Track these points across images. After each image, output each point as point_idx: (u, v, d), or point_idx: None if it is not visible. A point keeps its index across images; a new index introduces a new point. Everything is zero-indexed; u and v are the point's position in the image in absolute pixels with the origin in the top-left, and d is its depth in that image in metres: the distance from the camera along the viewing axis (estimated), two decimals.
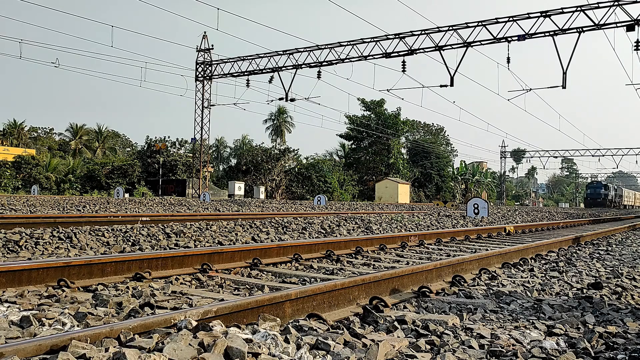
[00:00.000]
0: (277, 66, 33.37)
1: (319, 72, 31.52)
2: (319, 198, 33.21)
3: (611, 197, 69.14)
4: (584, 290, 4.32)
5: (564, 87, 24.63)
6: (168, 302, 3.50)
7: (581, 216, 26.34)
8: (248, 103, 60.41)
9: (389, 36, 28.96)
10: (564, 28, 24.92)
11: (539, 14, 25.29)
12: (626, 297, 4.03)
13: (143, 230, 7.62)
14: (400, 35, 28.69)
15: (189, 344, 2.14)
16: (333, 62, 31.26)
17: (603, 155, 67.45)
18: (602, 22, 24.06)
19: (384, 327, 2.92)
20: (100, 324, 2.76)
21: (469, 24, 26.90)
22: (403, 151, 70.34)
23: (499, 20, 26.18)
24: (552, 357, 2.42)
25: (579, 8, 24.36)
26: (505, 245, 8.80)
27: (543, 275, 5.29)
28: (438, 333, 2.80)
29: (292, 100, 33.25)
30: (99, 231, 7.08)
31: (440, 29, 27.60)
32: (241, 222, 9.84)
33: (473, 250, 7.91)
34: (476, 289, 4.30)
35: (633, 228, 15.83)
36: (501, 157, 78.04)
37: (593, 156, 67.78)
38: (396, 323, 2.96)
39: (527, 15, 25.53)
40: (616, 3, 23.50)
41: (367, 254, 6.83)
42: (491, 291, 4.22)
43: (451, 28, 27.30)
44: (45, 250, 5.70)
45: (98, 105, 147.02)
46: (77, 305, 3.27)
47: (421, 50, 28.19)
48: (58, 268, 3.97)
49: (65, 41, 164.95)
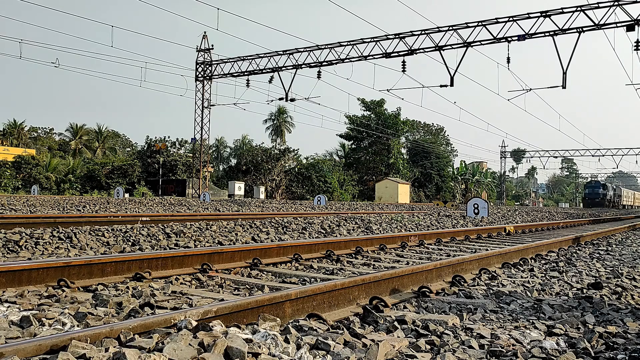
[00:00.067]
0: (277, 66, 33.37)
1: (319, 72, 31.55)
2: (319, 198, 33.21)
3: (610, 197, 68.77)
4: (584, 290, 4.32)
5: (564, 87, 24.64)
6: (168, 302, 3.50)
7: (581, 216, 26.34)
8: (248, 103, 60.42)
9: (389, 36, 28.96)
10: (564, 28, 24.93)
11: (539, 14, 25.29)
12: (626, 297, 4.03)
13: (143, 230, 7.62)
14: (400, 35, 28.70)
15: (189, 344, 2.14)
16: (333, 62, 31.27)
17: (603, 155, 67.45)
18: (602, 22, 24.07)
19: (384, 327, 2.92)
20: (100, 324, 2.76)
21: (469, 24, 26.91)
22: (403, 151, 70.35)
23: (499, 20, 26.19)
24: (552, 357, 2.42)
25: (579, 8, 24.36)
26: (505, 245, 8.80)
27: (543, 275, 5.29)
28: (438, 333, 2.80)
29: (292, 100, 33.27)
30: (99, 231, 7.09)
31: (440, 29, 27.60)
32: (241, 222, 9.84)
33: (473, 250, 7.91)
34: (476, 289, 4.30)
35: (633, 228, 15.83)
36: (501, 157, 78.09)
37: (593, 156, 67.81)
38: (396, 323, 2.96)
39: (527, 15, 25.53)
40: (616, 3, 23.50)
41: (367, 254, 6.83)
42: (491, 291, 4.22)
43: (451, 28, 27.31)
44: (45, 250, 5.70)
45: (98, 105, 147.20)
46: (77, 305, 3.27)
47: (421, 50, 28.20)
48: (58, 268, 3.97)
49: (65, 41, 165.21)
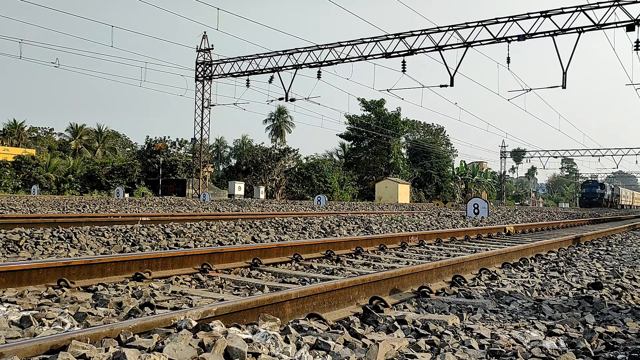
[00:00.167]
0: (277, 66, 33.37)
1: (319, 72, 31.54)
2: (319, 198, 33.21)
3: (608, 197, 68.30)
4: (584, 290, 4.31)
5: (564, 87, 24.64)
6: (168, 302, 3.50)
7: (581, 216, 26.34)
8: (248, 103, 60.50)
9: (389, 36, 28.96)
10: (564, 28, 24.93)
11: (539, 14, 25.29)
12: (626, 297, 4.03)
13: (143, 230, 7.62)
14: (400, 35, 28.70)
15: (189, 344, 2.14)
16: (333, 62, 31.27)
17: (603, 155, 67.42)
18: (602, 22, 24.06)
19: (384, 327, 2.92)
20: (100, 324, 2.76)
21: (469, 24, 26.91)
22: (403, 151, 70.34)
23: (499, 20, 26.19)
24: (552, 357, 2.42)
25: (579, 8, 24.36)
26: (505, 245, 8.80)
27: (543, 275, 5.29)
28: (438, 333, 2.80)
29: (292, 100, 33.26)
30: (99, 231, 7.09)
31: (440, 29, 27.60)
32: (241, 222, 9.84)
33: (473, 250, 7.91)
34: (476, 289, 4.30)
35: (633, 228, 15.83)
36: (501, 157, 78.08)
37: (593, 156, 67.77)
38: (396, 323, 2.96)
39: (527, 15, 25.53)
40: (616, 3, 23.50)
41: (367, 254, 6.83)
42: (491, 291, 4.22)
43: (451, 28, 27.31)
44: (45, 250, 5.70)
45: (98, 105, 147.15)
46: (77, 305, 3.27)
47: (421, 50, 28.20)
48: (58, 268, 3.97)
49: (65, 41, 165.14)
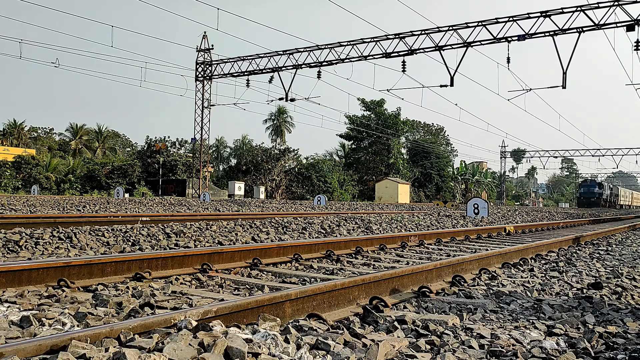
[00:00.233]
0: (277, 66, 33.37)
1: (319, 72, 31.54)
2: (319, 198, 33.21)
3: (606, 197, 67.83)
4: (584, 290, 4.31)
5: (564, 87, 24.63)
6: (168, 302, 3.50)
7: (581, 216, 26.34)
8: (248, 103, 60.51)
9: (389, 36, 28.96)
10: (564, 28, 24.93)
11: (539, 14, 25.29)
12: (626, 297, 4.03)
13: (143, 230, 7.62)
14: (400, 35, 28.70)
15: (189, 344, 2.14)
16: (333, 62, 31.27)
17: (603, 155, 67.39)
18: (602, 22, 24.06)
19: (384, 327, 2.92)
20: (100, 324, 2.76)
21: (469, 24, 26.91)
22: (403, 151, 70.34)
23: (499, 20, 26.19)
24: (552, 357, 2.42)
25: (579, 8, 24.36)
26: (505, 245, 8.80)
27: (543, 275, 5.29)
28: (438, 333, 2.80)
29: (292, 100, 33.27)
30: (99, 231, 7.09)
31: (440, 29, 27.60)
32: (241, 222, 9.84)
33: (473, 250, 7.91)
34: (476, 289, 4.30)
35: (633, 228, 15.83)
36: (501, 157, 78.08)
37: (593, 156, 67.74)
38: (396, 323, 2.95)
39: (527, 15, 25.53)
40: (616, 3, 23.50)
41: (367, 254, 6.83)
42: (491, 291, 4.22)
43: (451, 28, 27.31)
44: (45, 250, 5.70)
45: (98, 105, 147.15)
46: (77, 305, 3.27)
47: (421, 50, 28.20)
48: (58, 268, 3.97)
49: (65, 41, 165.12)
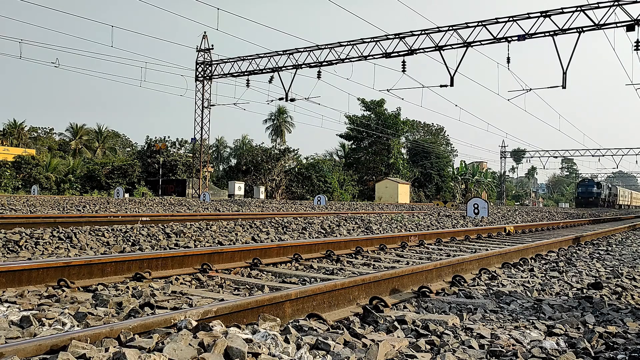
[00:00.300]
0: (277, 66, 33.37)
1: (319, 72, 31.54)
2: (319, 198, 33.21)
3: (604, 196, 67.35)
4: (584, 290, 4.31)
5: (564, 87, 24.63)
6: (168, 302, 3.50)
7: (581, 216, 26.34)
8: (248, 103, 60.49)
9: (389, 36, 28.96)
10: (564, 28, 24.93)
11: (539, 14, 25.29)
12: (626, 297, 4.03)
13: (143, 230, 7.62)
14: (400, 35, 28.70)
15: (189, 344, 2.14)
16: (333, 62, 31.27)
17: (603, 155, 67.37)
18: (602, 22, 24.06)
19: (384, 327, 2.92)
20: (100, 324, 2.76)
21: (469, 24, 26.91)
22: (403, 151, 70.33)
23: (499, 20, 26.19)
24: (552, 357, 2.42)
25: (579, 8, 24.36)
26: (505, 245, 8.80)
27: (543, 275, 5.29)
28: (438, 333, 2.80)
29: (292, 100, 33.26)
30: (99, 231, 7.08)
31: (440, 29, 27.60)
32: (241, 222, 9.84)
33: (473, 250, 7.91)
34: (476, 289, 4.30)
35: (633, 228, 15.83)
36: (501, 157, 78.08)
37: (593, 156, 67.72)
38: (396, 323, 2.95)
39: (527, 15, 25.53)
40: (616, 3, 23.50)
41: (367, 254, 6.83)
42: (491, 291, 4.22)
43: (451, 28, 27.31)
44: (45, 250, 5.70)
45: (98, 105, 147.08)
46: (77, 305, 3.27)
47: (421, 50, 28.20)
48: (58, 268, 3.97)
49: (65, 41, 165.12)
